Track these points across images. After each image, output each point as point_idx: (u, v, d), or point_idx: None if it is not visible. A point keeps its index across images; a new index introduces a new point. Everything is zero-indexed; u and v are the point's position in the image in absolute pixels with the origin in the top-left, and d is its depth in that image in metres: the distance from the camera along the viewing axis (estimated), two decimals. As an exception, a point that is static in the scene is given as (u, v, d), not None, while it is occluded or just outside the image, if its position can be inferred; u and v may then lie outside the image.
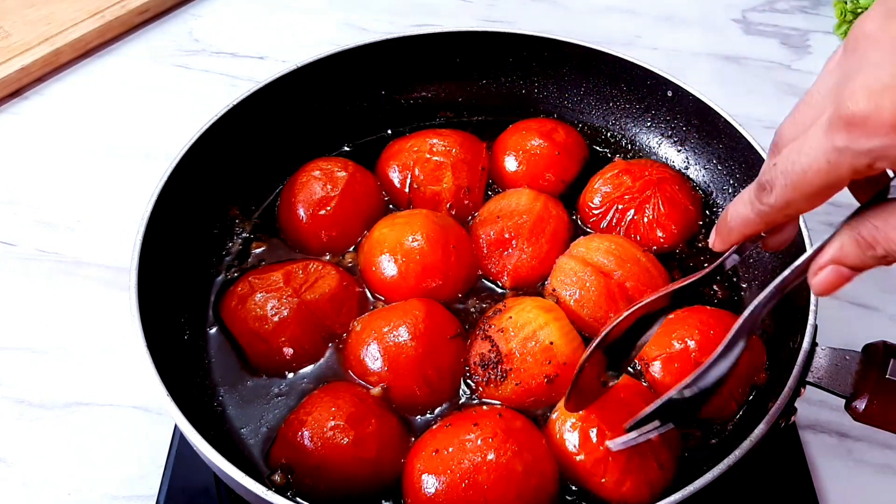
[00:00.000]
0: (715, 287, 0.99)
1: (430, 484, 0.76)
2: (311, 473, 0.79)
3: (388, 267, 0.95)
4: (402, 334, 0.87)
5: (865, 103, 0.47)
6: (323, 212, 1.00)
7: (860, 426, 0.76)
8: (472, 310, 0.96)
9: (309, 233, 1.01)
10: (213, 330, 0.93)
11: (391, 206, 1.08)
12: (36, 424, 0.97)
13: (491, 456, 0.76)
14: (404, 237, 0.96)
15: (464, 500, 0.75)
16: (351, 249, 1.02)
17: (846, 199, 1.26)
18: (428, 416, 0.86)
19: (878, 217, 0.55)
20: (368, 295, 0.97)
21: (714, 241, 0.69)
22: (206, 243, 1.01)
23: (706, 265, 1.01)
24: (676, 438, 0.83)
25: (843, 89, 0.49)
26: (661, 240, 1.01)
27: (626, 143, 1.16)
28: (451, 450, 0.77)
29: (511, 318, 0.88)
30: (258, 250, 1.02)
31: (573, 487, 0.81)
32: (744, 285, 0.99)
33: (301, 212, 1.01)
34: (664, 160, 1.13)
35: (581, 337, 0.89)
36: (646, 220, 1.01)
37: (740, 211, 0.63)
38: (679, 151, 1.12)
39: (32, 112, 1.37)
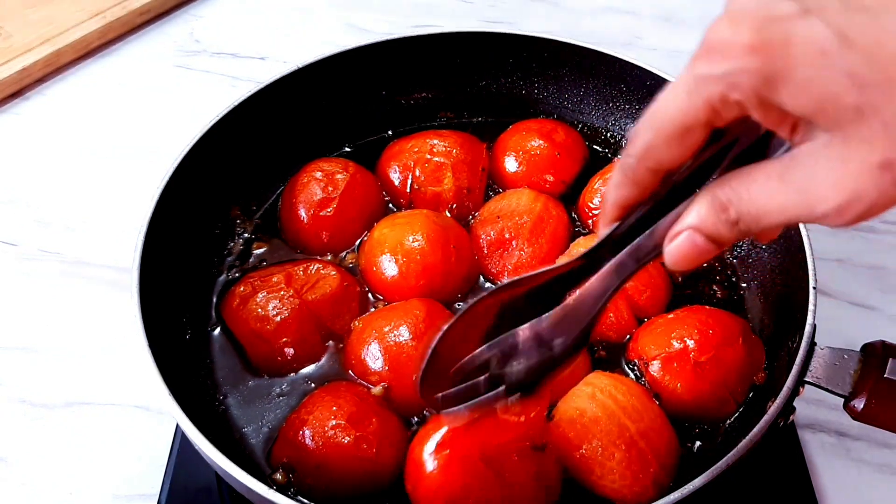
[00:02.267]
0: (714, 287, 0.99)
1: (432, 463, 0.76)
2: (312, 472, 0.79)
3: (389, 267, 0.95)
4: (403, 334, 0.87)
5: (726, 27, 0.45)
6: (324, 213, 1.00)
7: (859, 425, 0.76)
8: (473, 310, 0.96)
9: (310, 233, 1.01)
10: (215, 330, 0.94)
11: (392, 206, 1.08)
12: (37, 424, 0.97)
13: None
14: (405, 237, 0.96)
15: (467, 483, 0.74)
16: (352, 250, 1.02)
17: (845, 200, 1.25)
18: (428, 416, 0.87)
19: (737, 177, 0.50)
20: (369, 295, 0.97)
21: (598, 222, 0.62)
22: (207, 243, 1.01)
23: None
24: (675, 438, 0.83)
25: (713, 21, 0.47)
26: (661, 240, 1.01)
27: (626, 144, 1.16)
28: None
29: (511, 317, 0.89)
30: (259, 251, 1.02)
31: (572, 487, 0.81)
32: (743, 285, 0.99)
33: (302, 212, 1.01)
34: (664, 160, 1.13)
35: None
36: (645, 220, 1.01)
37: (612, 177, 0.60)
38: (679, 152, 1.12)
39: (34, 112, 1.37)
